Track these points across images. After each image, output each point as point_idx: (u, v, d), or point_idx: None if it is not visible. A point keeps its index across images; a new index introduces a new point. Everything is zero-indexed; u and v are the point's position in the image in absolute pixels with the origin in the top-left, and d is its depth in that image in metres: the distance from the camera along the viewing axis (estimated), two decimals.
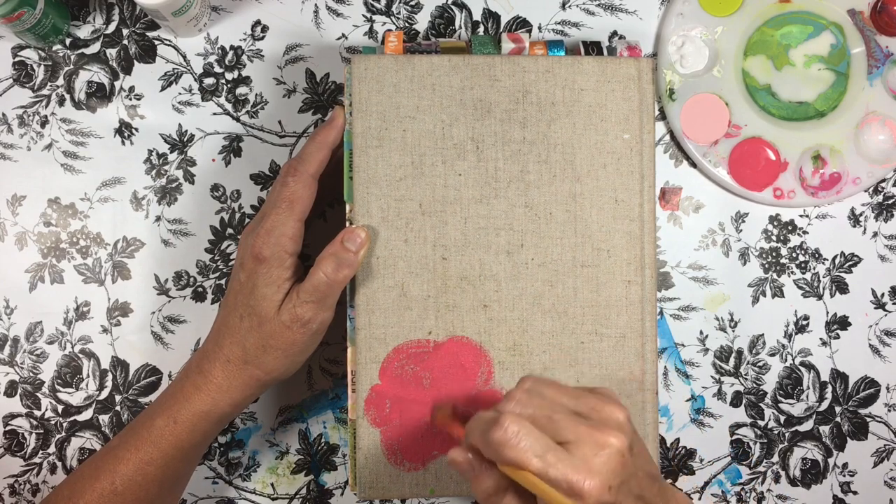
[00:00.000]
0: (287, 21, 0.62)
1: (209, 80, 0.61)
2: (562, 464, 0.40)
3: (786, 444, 0.63)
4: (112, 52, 0.61)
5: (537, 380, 0.45)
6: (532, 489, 0.41)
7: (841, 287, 0.63)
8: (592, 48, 0.57)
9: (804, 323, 0.63)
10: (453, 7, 0.62)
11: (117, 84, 0.61)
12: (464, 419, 0.50)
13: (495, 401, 0.54)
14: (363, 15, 0.62)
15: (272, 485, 0.62)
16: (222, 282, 0.62)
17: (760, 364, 0.63)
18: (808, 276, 0.63)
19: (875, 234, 0.63)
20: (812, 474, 0.63)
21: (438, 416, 0.51)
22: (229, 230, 0.62)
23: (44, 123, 0.61)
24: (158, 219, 0.61)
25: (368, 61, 0.53)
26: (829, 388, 0.63)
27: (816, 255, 0.63)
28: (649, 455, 0.46)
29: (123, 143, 0.61)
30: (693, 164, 0.63)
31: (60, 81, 0.61)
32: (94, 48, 0.61)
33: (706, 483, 0.63)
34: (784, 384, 0.63)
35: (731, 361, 0.63)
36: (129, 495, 0.51)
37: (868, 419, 0.63)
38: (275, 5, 0.62)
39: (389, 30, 0.61)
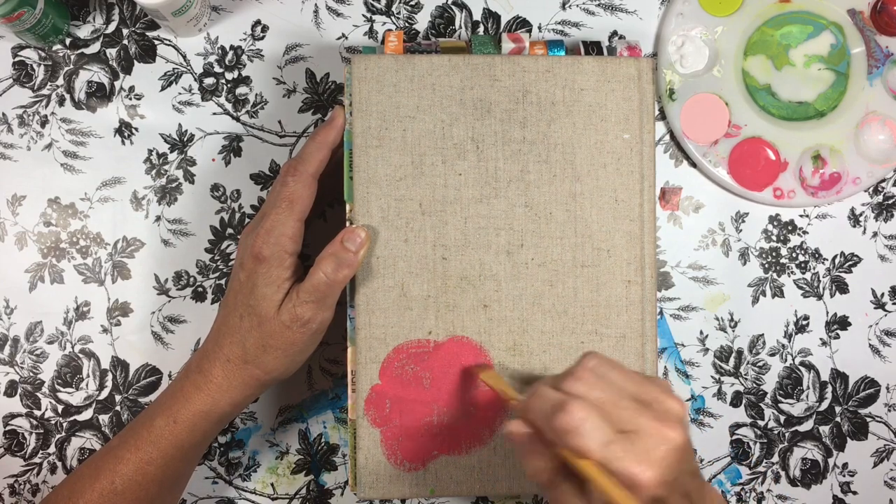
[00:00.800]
0: (287, 21, 0.62)
1: (209, 80, 0.61)
2: (624, 455, 0.39)
3: (786, 444, 0.63)
4: (112, 52, 0.61)
5: (601, 359, 0.44)
6: (587, 478, 0.40)
7: (841, 287, 0.63)
8: (592, 48, 0.57)
9: (804, 323, 0.63)
10: (453, 7, 0.62)
11: (117, 84, 0.61)
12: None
13: (495, 402, 0.54)
14: (363, 15, 0.62)
15: (272, 485, 0.62)
16: (222, 282, 0.62)
17: (760, 364, 0.63)
18: (808, 276, 0.63)
19: (875, 234, 0.63)
20: (812, 474, 0.63)
21: (484, 376, 0.51)
22: (229, 230, 0.62)
23: (44, 123, 0.61)
24: (158, 219, 0.61)
25: (368, 61, 0.53)
26: (829, 388, 0.63)
27: (816, 255, 0.63)
28: (693, 452, 0.45)
29: (123, 142, 0.61)
30: (693, 164, 0.63)
31: (60, 81, 0.61)
32: (94, 48, 0.61)
33: None
34: (784, 384, 0.63)
35: (731, 361, 0.63)
36: (129, 495, 0.51)
37: (868, 419, 0.63)
38: (275, 5, 0.62)
39: (389, 30, 0.61)
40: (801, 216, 0.63)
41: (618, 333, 0.55)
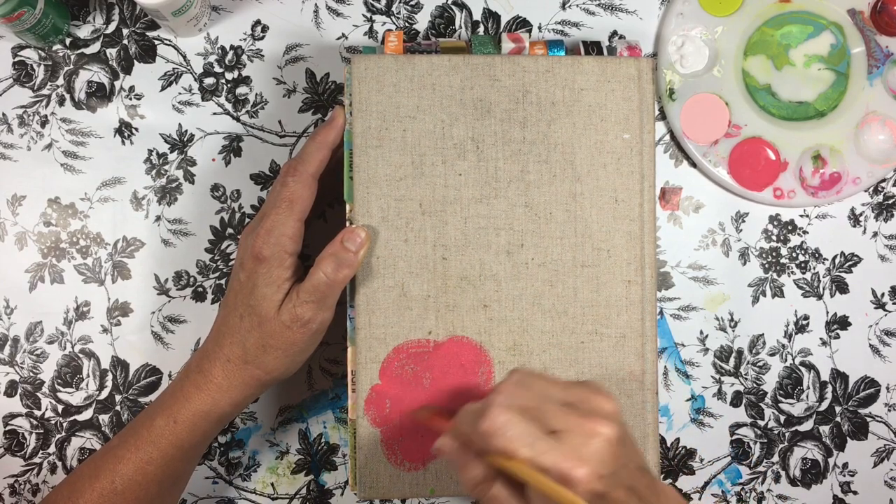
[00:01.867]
0: (287, 21, 0.62)
1: (209, 80, 0.61)
2: (552, 452, 0.40)
3: (786, 444, 0.63)
4: (112, 52, 0.61)
5: (527, 372, 0.45)
6: (522, 477, 0.40)
7: (841, 287, 0.63)
8: (592, 48, 0.57)
9: (804, 323, 0.63)
10: (453, 7, 0.62)
11: (117, 84, 0.61)
12: (449, 416, 0.50)
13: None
14: (363, 15, 0.62)
15: (272, 485, 0.62)
16: (222, 282, 0.62)
17: (760, 364, 0.63)
18: (808, 275, 0.63)
19: (875, 234, 0.63)
20: (812, 474, 0.63)
21: (421, 415, 0.52)
22: (229, 230, 0.62)
23: (44, 123, 0.61)
24: (158, 219, 0.61)
25: (368, 61, 0.53)
26: (829, 388, 0.63)
27: (816, 255, 0.63)
28: (639, 448, 0.46)
29: (123, 142, 0.61)
30: (693, 164, 0.63)
31: (60, 81, 0.61)
32: (94, 48, 0.61)
33: (706, 483, 0.63)
34: (784, 384, 0.63)
35: (731, 361, 0.63)
36: (129, 495, 0.51)
37: (868, 419, 0.63)
38: (275, 5, 0.62)
39: (389, 29, 0.61)
40: (801, 216, 0.63)
41: (618, 333, 0.55)
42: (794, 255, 0.63)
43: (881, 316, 0.63)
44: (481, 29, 0.62)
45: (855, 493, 0.63)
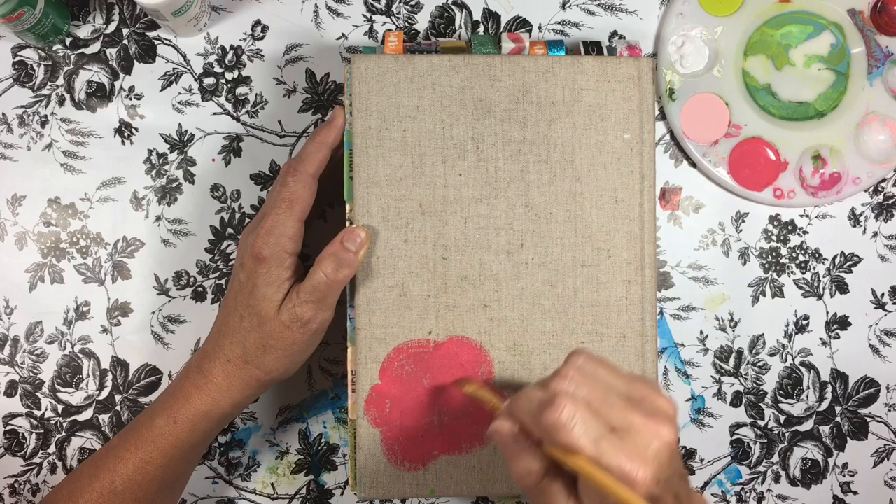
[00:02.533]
0: (287, 21, 0.62)
1: (209, 80, 0.61)
2: (616, 451, 0.39)
3: (786, 444, 0.63)
4: (112, 52, 0.61)
5: (589, 357, 0.43)
6: (582, 474, 0.39)
7: (841, 287, 0.63)
8: (592, 48, 0.57)
9: (804, 323, 0.63)
10: (453, 7, 0.62)
11: (117, 84, 0.61)
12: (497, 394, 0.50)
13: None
14: (363, 15, 0.62)
15: (272, 485, 0.62)
16: (222, 282, 0.62)
17: (760, 364, 0.63)
18: (808, 275, 0.63)
19: (875, 234, 0.63)
20: (812, 474, 0.63)
21: (468, 388, 0.51)
22: (229, 230, 0.62)
23: (44, 123, 0.61)
24: (158, 219, 0.61)
25: (368, 61, 0.53)
26: (829, 388, 0.63)
27: (816, 255, 0.63)
28: (681, 455, 0.45)
29: (123, 142, 0.61)
30: (693, 164, 0.63)
31: (60, 81, 0.61)
32: (94, 48, 0.61)
33: (706, 483, 0.63)
34: (784, 384, 0.63)
35: (731, 361, 0.63)
36: (129, 495, 0.51)
37: (868, 419, 0.63)
38: (275, 5, 0.62)
39: (389, 30, 0.61)
40: (801, 216, 0.63)
41: (618, 333, 0.55)
42: (794, 255, 0.63)
43: (881, 316, 0.63)
44: (481, 29, 0.62)
45: (855, 493, 0.63)
